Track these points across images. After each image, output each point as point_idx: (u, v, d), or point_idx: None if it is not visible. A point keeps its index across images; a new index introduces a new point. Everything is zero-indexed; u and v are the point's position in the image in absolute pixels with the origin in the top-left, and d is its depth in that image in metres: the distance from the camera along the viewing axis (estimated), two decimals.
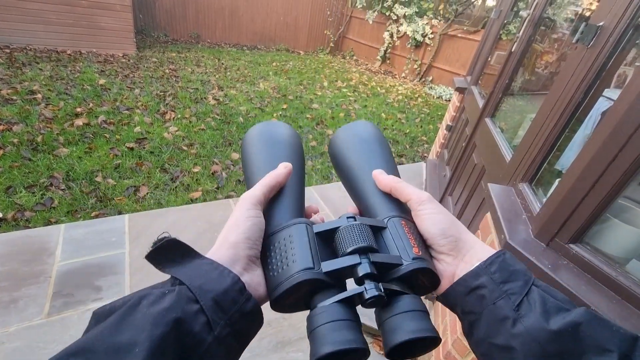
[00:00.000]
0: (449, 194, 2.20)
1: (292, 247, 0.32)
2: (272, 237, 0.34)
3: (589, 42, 0.93)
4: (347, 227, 0.33)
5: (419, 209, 0.36)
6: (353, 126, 0.48)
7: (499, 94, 1.76)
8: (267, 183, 0.37)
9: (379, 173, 0.41)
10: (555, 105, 1.05)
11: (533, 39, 1.65)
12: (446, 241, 0.34)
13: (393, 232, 0.34)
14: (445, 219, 0.35)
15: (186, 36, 7.52)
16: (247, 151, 0.45)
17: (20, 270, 1.65)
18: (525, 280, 0.30)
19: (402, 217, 0.36)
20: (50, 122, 3.03)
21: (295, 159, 0.44)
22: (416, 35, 7.01)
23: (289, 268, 0.30)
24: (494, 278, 0.30)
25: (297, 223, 0.34)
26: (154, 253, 0.28)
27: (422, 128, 4.70)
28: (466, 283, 0.31)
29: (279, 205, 0.38)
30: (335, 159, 0.48)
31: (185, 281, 0.26)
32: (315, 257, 0.31)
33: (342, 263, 0.31)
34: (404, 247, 0.33)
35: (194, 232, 2.08)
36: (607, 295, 0.77)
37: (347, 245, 0.32)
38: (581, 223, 0.82)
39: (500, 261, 0.31)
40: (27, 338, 1.37)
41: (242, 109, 4.15)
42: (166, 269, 0.28)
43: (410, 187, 0.38)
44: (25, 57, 4.56)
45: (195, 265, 0.28)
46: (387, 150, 0.46)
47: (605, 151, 0.75)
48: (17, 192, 2.19)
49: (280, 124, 0.48)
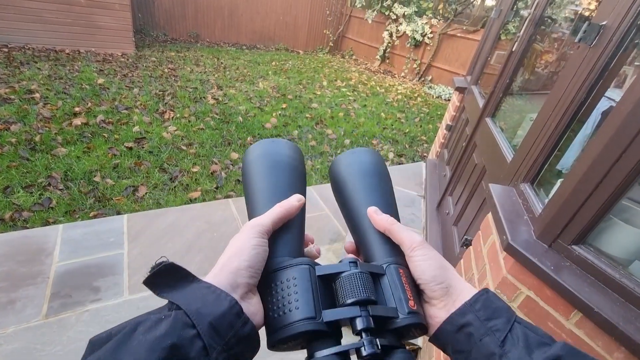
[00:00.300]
0: (449, 194, 2.20)
1: (296, 291, 0.32)
2: (275, 274, 0.34)
3: (591, 41, 0.92)
4: (349, 275, 0.34)
5: (411, 255, 0.37)
6: (356, 154, 0.48)
7: (500, 93, 1.75)
8: (278, 214, 0.37)
9: (374, 212, 0.41)
10: (557, 105, 1.04)
11: (534, 38, 1.64)
12: (438, 287, 0.35)
13: (391, 280, 0.36)
14: (437, 265, 0.36)
15: (185, 35, 7.50)
16: (250, 172, 0.44)
17: (18, 271, 1.63)
18: (508, 317, 0.31)
19: (399, 264, 0.37)
20: (49, 122, 3.02)
21: (300, 186, 0.44)
22: (415, 35, 7.00)
23: (291, 314, 0.31)
24: (479, 315, 0.32)
25: (302, 264, 0.35)
26: (151, 278, 0.28)
27: (421, 128, 4.70)
28: (454, 321, 0.33)
29: (283, 238, 0.38)
30: (335, 184, 0.48)
31: (182, 306, 0.26)
32: (317, 305, 0.32)
33: (342, 314, 0.32)
34: (400, 298, 0.34)
35: (193, 232, 2.07)
36: (611, 297, 0.76)
37: (348, 296, 0.33)
38: (584, 224, 0.81)
39: (484, 299, 0.33)
40: (24, 340, 1.36)
41: (241, 109, 4.14)
42: (164, 294, 0.28)
43: (404, 230, 0.39)
44: (24, 56, 4.53)
45: (193, 289, 0.28)
46: (387, 185, 0.47)
47: (608, 152, 0.74)
48: (14, 192, 2.18)
49: (284, 143, 0.47)
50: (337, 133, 3.99)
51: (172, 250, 1.92)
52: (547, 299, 0.87)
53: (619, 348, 0.74)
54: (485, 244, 1.15)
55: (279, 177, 0.42)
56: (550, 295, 0.86)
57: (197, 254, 1.92)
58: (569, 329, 0.84)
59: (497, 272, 1.01)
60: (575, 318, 0.82)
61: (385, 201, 0.44)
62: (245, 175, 0.45)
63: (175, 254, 1.90)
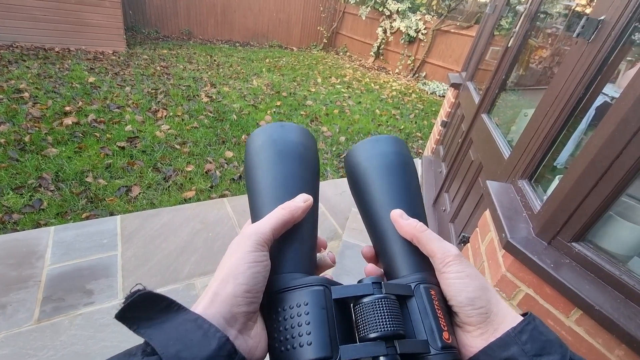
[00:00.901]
0: (446, 190, 2.19)
1: (307, 320, 0.27)
2: (281, 295, 0.29)
3: (589, 36, 0.92)
4: (372, 302, 0.28)
5: (444, 271, 0.31)
6: (380, 142, 0.41)
7: (496, 89, 1.74)
8: (280, 218, 0.31)
9: (399, 215, 0.35)
10: (555, 101, 1.03)
11: (530, 33, 1.64)
12: (475, 312, 0.29)
13: (420, 304, 0.30)
14: (475, 284, 0.30)
15: (177, 33, 7.40)
16: (253, 164, 0.37)
17: (8, 275, 1.60)
18: (562, 354, 0.26)
19: (430, 284, 0.32)
20: (38, 122, 2.96)
21: (313, 181, 0.37)
22: (409, 31, 6.99)
23: (302, 350, 0.26)
24: (525, 349, 0.27)
25: (314, 285, 0.29)
26: (125, 311, 0.23)
27: (416, 124, 4.70)
28: (494, 353, 0.28)
29: (290, 247, 0.32)
30: (352, 178, 0.41)
31: (158, 349, 0.22)
32: (333, 340, 0.27)
33: (365, 352, 0.27)
34: (432, 328, 0.29)
35: (188, 232, 2.04)
36: (611, 294, 0.76)
37: (371, 329, 0.27)
38: (584, 221, 0.81)
39: (532, 329, 0.28)
40: (16, 345, 1.33)
41: (235, 107, 4.10)
42: (140, 330, 0.23)
43: (436, 239, 0.33)
44: (12, 54, 4.44)
45: (175, 324, 0.23)
46: (414, 181, 0.40)
47: (609, 148, 0.74)
48: (4, 193, 2.13)
49: (295, 128, 0.39)
50: (332, 130, 3.97)
51: (167, 251, 1.89)
52: (547, 297, 0.87)
53: (620, 345, 0.74)
54: (483, 241, 1.15)
55: (287, 171, 0.36)
56: (549, 293, 0.86)
57: (192, 255, 1.89)
58: (569, 326, 0.83)
59: (496, 270, 1.00)
60: (575, 315, 0.82)
61: (412, 203, 0.37)
62: (248, 167, 0.37)
63: (170, 254, 1.87)
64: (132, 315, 0.23)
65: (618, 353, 0.75)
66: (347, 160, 0.42)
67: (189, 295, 1.66)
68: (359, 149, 0.41)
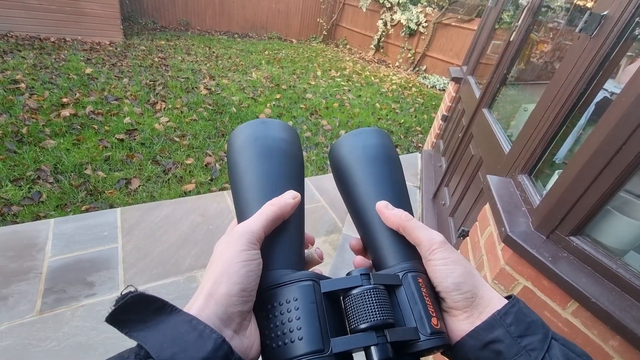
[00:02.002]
0: (445, 185, 2.21)
1: (298, 315, 0.27)
2: (271, 292, 0.29)
3: (592, 31, 0.92)
4: (361, 293, 0.29)
5: (430, 258, 0.32)
6: (363, 135, 0.41)
7: (497, 84, 1.74)
8: (269, 215, 0.31)
9: (384, 206, 0.35)
10: (556, 96, 1.04)
11: (532, 28, 1.63)
12: (461, 297, 0.30)
13: (409, 293, 0.31)
14: (461, 270, 0.31)
15: (175, 23, 7.31)
16: (236, 162, 0.36)
17: (8, 267, 1.60)
18: (544, 333, 0.28)
19: (417, 272, 0.32)
20: (36, 113, 2.93)
21: (298, 177, 0.37)
22: (410, 24, 6.93)
23: (293, 346, 0.26)
24: (510, 331, 0.28)
25: (303, 280, 0.29)
26: (117, 314, 0.22)
27: (416, 118, 4.69)
28: (479, 336, 0.29)
29: (278, 244, 0.32)
30: (337, 171, 0.41)
31: (152, 352, 0.21)
32: (324, 333, 0.27)
33: (355, 343, 0.27)
34: (421, 315, 0.29)
35: (188, 225, 2.05)
36: (607, 287, 0.77)
37: (362, 319, 0.28)
38: (582, 216, 0.82)
39: (516, 311, 0.29)
40: (19, 336, 1.34)
41: (234, 99, 4.08)
42: (133, 333, 0.22)
43: (421, 228, 0.33)
44: (7, 44, 4.37)
45: (169, 325, 0.23)
46: (398, 174, 0.40)
47: (609, 143, 0.74)
48: (2, 185, 2.12)
49: (277, 124, 0.39)
50: (332, 124, 3.96)
51: (167, 243, 1.90)
52: (544, 289, 0.88)
53: (614, 336, 0.76)
54: (482, 234, 1.16)
55: (272, 168, 0.35)
56: (547, 286, 0.87)
57: (192, 248, 1.90)
58: (565, 318, 0.85)
59: (495, 263, 1.01)
60: (572, 308, 0.83)
61: (397, 193, 0.38)
62: (232, 166, 0.37)
63: (171, 247, 1.88)
64: (124, 318, 0.22)
65: (612, 344, 0.77)
66: (331, 154, 0.43)
67: (189, 287, 1.67)
68: (342, 143, 0.41)
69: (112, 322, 0.22)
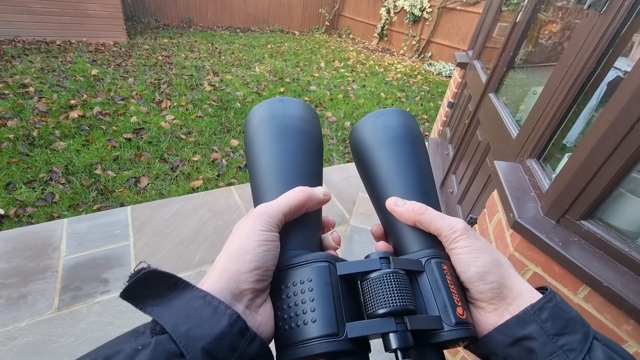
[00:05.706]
0: (453, 172, 2.18)
1: (312, 297, 0.26)
2: (284, 273, 0.28)
3: (601, 7, 0.88)
4: (380, 277, 0.27)
5: (452, 247, 0.30)
6: (384, 115, 0.39)
7: (504, 67, 1.70)
8: (294, 201, 0.29)
9: (394, 204, 0.33)
10: (564, 77, 1.01)
11: (539, 7, 1.58)
12: (487, 288, 0.28)
13: (432, 280, 0.28)
14: (486, 259, 0.28)
15: (177, 21, 7.31)
16: (253, 142, 0.35)
17: (26, 266, 1.65)
18: (585, 332, 0.25)
19: (441, 258, 0.30)
20: (45, 116, 2.98)
21: (318, 158, 0.36)
22: (414, 10, 6.78)
23: (306, 328, 0.25)
24: (545, 328, 0.25)
25: (319, 261, 0.28)
26: (130, 289, 0.22)
27: (422, 106, 4.63)
28: (510, 332, 0.26)
29: (296, 225, 0.31)
30: (358, 155, 0.39)
31: (167, 327, 0.21)
32: (339, 316, 0.25)
33: (372, 329, 0.25)
34: (445, 304, 0.27)
35: (198, 221, 2.07)
36: (621, 271, 0.76)
37: (380, 304, 0.26)
38: (593, 199, 0.80)
39: (552, 306, 0.26)
40: (38, 332, 1.39)
41: (238, 94, 4.08)
42: (147, 308, 0.22)
43: (438, 217, 0.31)
44: (14, 49, 4.44)
45: (183, 301, 0.22)
46: (423, 155, 0.38)
47: (619, 123, 0.72)
48: (17, 188, 2.18)
49: (296, 103, 0.37)
50: (337, 115, 3.94)
51: (178, 239, 1.93)
52: (555, 275, 0.87)
53: (628, 320, 0.74)
54: (491, 221, 1.14)
55: (289, 147, 0.34)
56: (558, 271, 0.86)
57: (202, 242, 1.93)
58: (577, 303, 0.84)
59: (504, 250, 1.00)
60: (584, 292, 0.82)
61: (419, 177, 0.35)
62: (248, 146, 0.35)
63: (181, 243, 1.91)
64: (138, 294, 0.22)
65: (626, 328, 0.75)
66: (352, 136, 0.40)
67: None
68: (363, 124, 0.39)
69: (127, 297, 0.22)
